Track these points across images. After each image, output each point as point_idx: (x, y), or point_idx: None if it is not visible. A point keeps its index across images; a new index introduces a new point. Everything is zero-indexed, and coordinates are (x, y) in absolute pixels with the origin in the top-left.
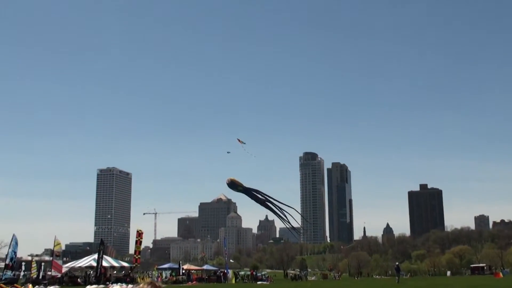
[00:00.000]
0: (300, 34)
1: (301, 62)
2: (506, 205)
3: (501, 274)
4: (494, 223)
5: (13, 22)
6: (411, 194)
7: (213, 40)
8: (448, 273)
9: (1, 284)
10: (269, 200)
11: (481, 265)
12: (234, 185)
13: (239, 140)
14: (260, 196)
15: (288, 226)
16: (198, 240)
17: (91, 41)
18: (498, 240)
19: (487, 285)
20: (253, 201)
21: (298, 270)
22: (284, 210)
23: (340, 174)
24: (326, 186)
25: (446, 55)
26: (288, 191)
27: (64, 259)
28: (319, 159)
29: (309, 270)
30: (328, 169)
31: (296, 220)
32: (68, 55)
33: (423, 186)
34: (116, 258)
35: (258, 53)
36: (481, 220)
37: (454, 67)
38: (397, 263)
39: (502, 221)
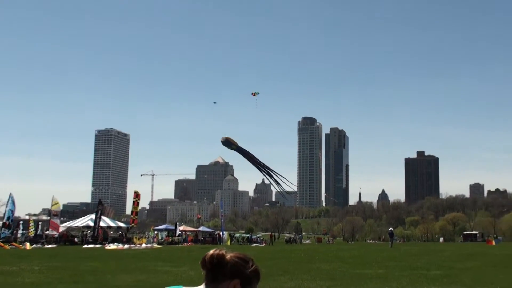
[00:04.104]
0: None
1: (300, 27)
2: (502, 174)
3: (493, 242)
4: (489, 191)
5: None
6: (407, 161)
7: (218, 4)
8: (441, 239)
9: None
10: (262, 164)
11: (473, 232)
12: (228, 143)
13: (253, 94)
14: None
15: (278, 190)
16: (195, 202)
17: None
18: (492, 208)
19: (478, 252)
20: (250, 165)
21: (293, 233)
22: (276, 173)
23: (338, 139)
24: (324, 151)
25: (447, 22)
26: (285, 155)
27: (62, 218)
28: (318, 124)
29: (304, 233)
30: (326, 134)
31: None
32: (67, 13)
33: (420, 154)
34: (113, 218)
35: (259, 16)
36: (476, 188)
37: (455, 34)
38: (390, 228)
39: (497, 189)
